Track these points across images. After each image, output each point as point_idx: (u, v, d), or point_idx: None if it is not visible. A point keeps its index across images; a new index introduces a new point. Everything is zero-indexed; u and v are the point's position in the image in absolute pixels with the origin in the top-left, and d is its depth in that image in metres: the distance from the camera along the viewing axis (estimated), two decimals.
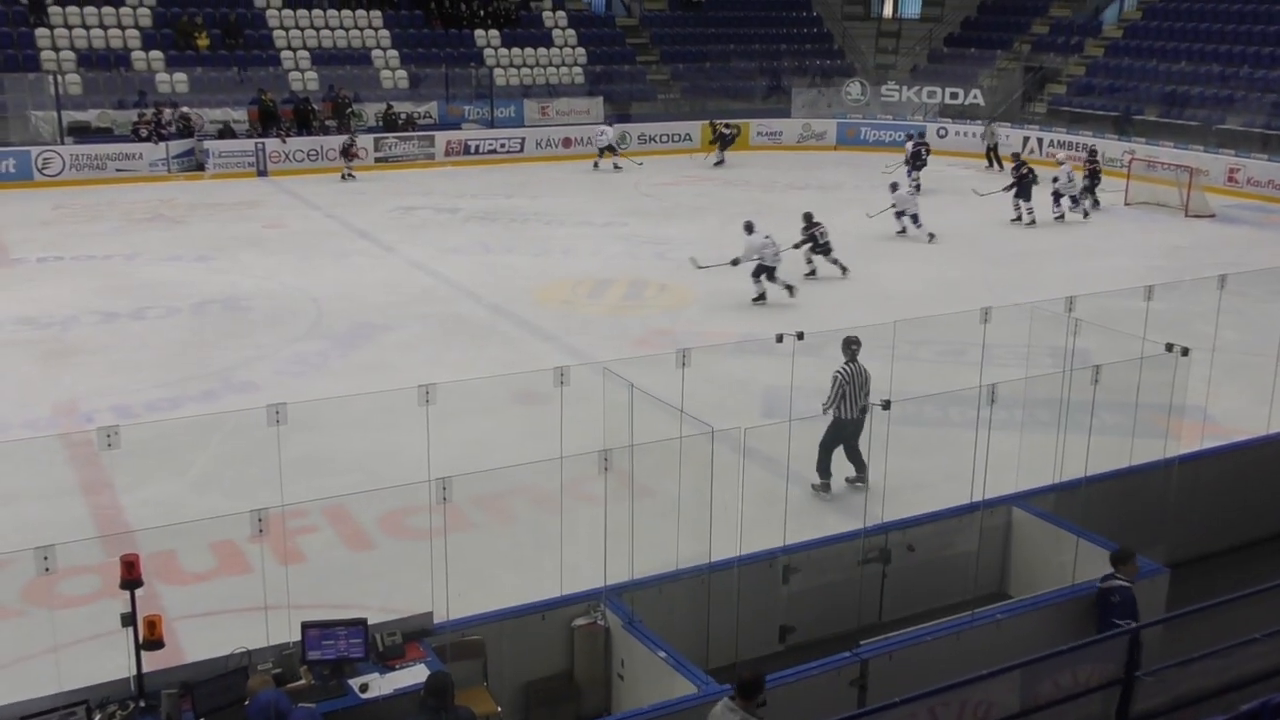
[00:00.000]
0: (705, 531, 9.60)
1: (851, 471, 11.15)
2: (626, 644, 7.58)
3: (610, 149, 30.03)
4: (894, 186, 23.14)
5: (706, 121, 32.82)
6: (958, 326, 14.42)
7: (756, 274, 17.74)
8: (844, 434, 10.95)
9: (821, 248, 19.43)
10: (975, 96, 35.00)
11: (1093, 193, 25.44)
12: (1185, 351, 9.38)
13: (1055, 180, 24.49)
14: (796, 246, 19.28)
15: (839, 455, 11.08)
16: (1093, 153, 26.84)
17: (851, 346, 10.98)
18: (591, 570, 7.78)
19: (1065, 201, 24.30)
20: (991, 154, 30.80)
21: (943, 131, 33.49)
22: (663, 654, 7.25)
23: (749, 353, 14.87)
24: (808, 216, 19.70)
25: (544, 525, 9.80)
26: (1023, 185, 24.16)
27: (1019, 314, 12.28)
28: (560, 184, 28.21)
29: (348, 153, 28.30)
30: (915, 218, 22.48)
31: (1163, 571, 8.39)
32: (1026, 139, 32.08)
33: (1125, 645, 6.68)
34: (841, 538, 8.95)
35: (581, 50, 35.69)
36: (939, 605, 8.48)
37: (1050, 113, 34.38)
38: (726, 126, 31.96)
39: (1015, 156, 26.03)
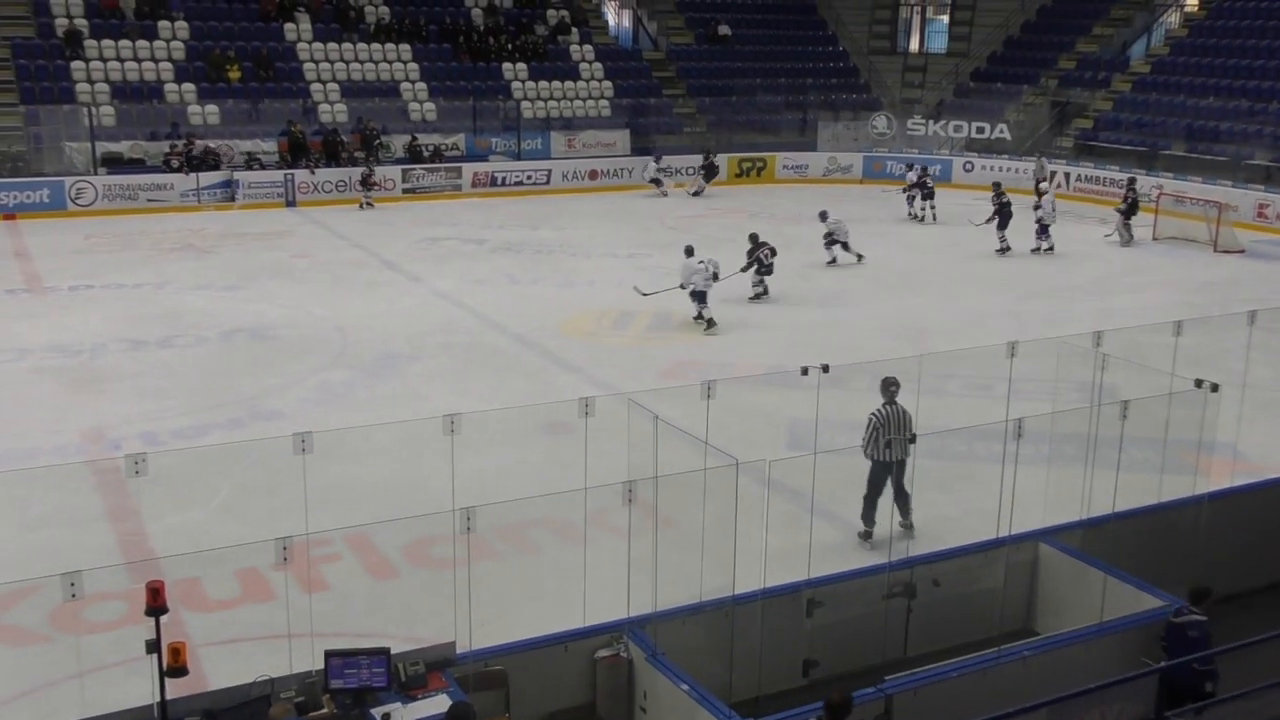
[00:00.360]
0: (729, 564, 9.56)
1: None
2: (649, 676, 7.54)
3: (657, 180, 30.79)
4: (824, 215, 23.32)
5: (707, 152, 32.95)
6: (985, 360, 14.38)
7: (694, 297, 18.28)
8: (880, 478, 10.62)
9: (765, 269, 19.76)
10: (1001, 131, 34.98)
11: (1128, 224, 25.39)
12: (1215, 387, 9.30)
13: (1037, 209, 24.53)
14: (743, 270, 19.75)
15: (886, 499, 10.69)
16: (1131, 182, 26.72)
17: (890, 388, 10.72)
18: (614, 602, 7.75)
19: (1047, 234, 24.37)
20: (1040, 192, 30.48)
21: (969, 166, 33.48)
22: (685, 687, 7.20)
23: (774, 385, 14.84)
24: (753, 238, 20.04)
25: (567, 556, 9.79)
26: (1003, 215, 24.38)
27: (1046, 348, 12.22)
28: (586, 216, 28.35)
29: (366, 182, 28.66)
30: (845, 245, 22.75)
31: None
32: (1053, 173, 32.01)
33: (1155, 684, 6.59)
34: (866, 571, 8.90)
35: (608, 83, 35.93)
36: (965, 641, 8.40)
37: (1077, 147, 34.32)
38: (712, 156, 32.25)
39: (995, 185, 25.90)
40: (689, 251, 18.58)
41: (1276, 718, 6.64)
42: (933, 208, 27.68)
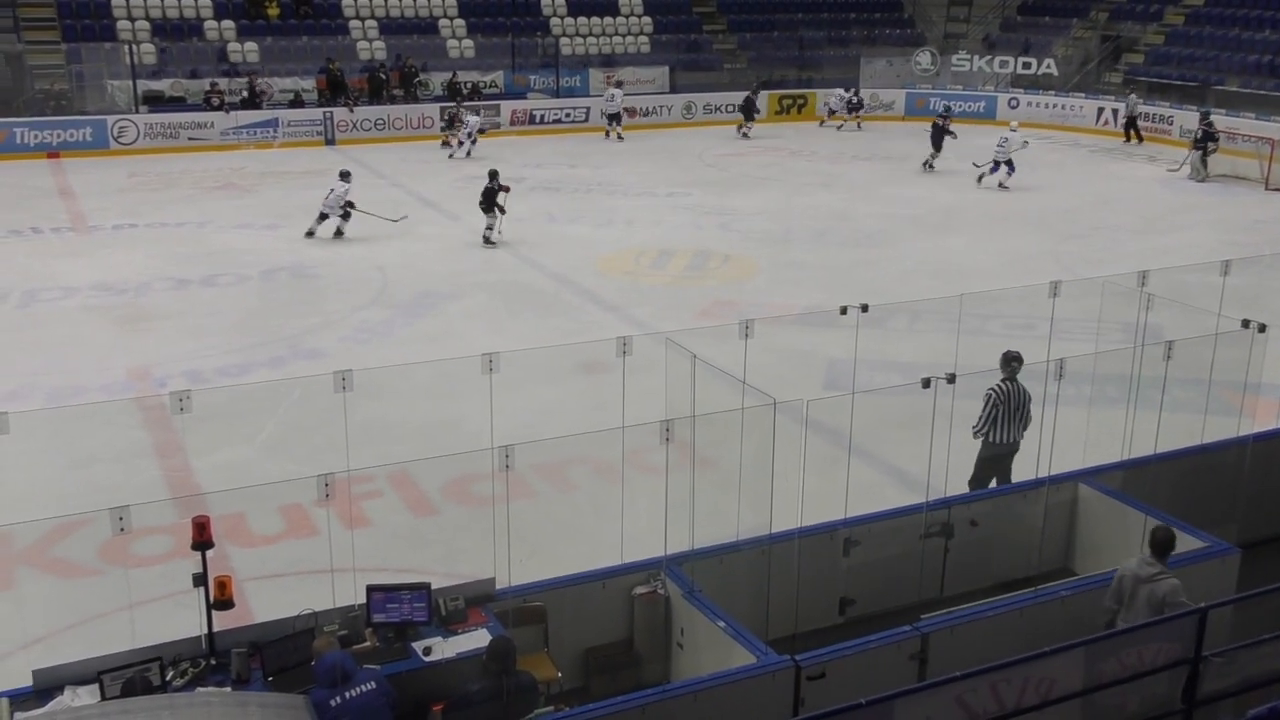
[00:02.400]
0: (766, 503, 9.57)
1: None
2: (686, 613, 7.60)
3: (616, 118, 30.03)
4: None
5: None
6: (1027, 301, 14.23)
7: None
8: (990, 465, 9.97)
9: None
10: (1049, 66, 34.25)
11: (1205, 160, 24.93)
12: (1262, 328, 9.13)
13: (1001, 144, 24.13)
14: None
15: None
16: (1205, 116, 26.11)
17: (1012, 364, 9.86)
18: (652, 540, 7.80)
19: (999, 168, 24.08)
20: (1131, 128, 29.85)
21: (1014, 102, 32.86)
22: (722, 624, 7.26)
23: (812, 325, 14.77)
24: (492, 174, 19.56)
25: (605, 494, 9.85)
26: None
27: (1090, 288, 12.05)
28: (624, 154, 28.16)
29: (453, 122, 28.24)
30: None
31: (1234, 552, 8.21)
32: (1101, 109, 31.40)
33: (1194, 625, 6.56)
34: (903, 511, 8.88)
35: (648, 19, 35.50)
36: (1002, 581, 8.40)
37: (1126, 82, 33.58)
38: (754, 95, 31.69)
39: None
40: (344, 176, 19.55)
41: None
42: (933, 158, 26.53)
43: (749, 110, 31.11)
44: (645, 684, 7.53)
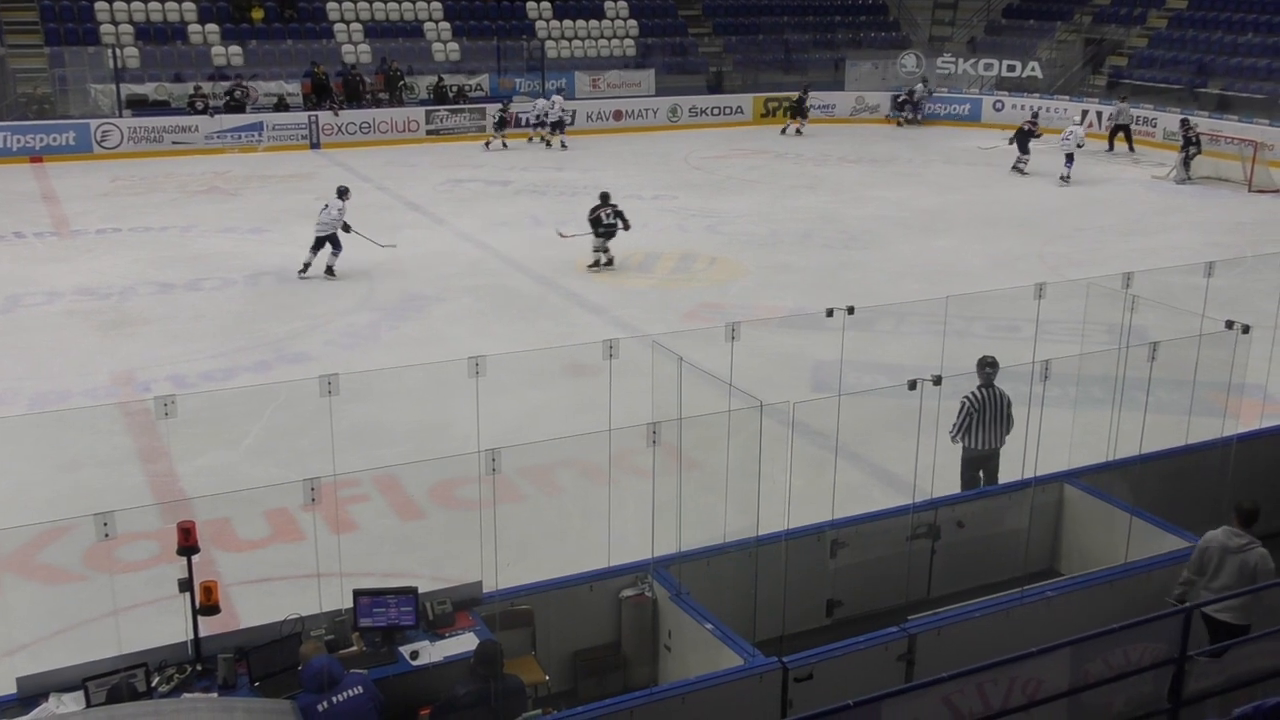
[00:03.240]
0: (753, 505, 9.59)
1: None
2: (674, 616, 7.60)
3: (541, 124, 28.87)
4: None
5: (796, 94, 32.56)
6: (1012, 302, 14.28)
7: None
8: (972, 471, 9.97)
9: (604, 230, 17.98)
10: (1033, 69, 34.38)
11: (1188, 163, 25.05)
12: (1246, 329, 9.18)
13: (1065, 137, 24.77)
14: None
15: None
16: (1185, 123, 26.22)
17: (986, 370, 9.86)
18: (639, 542, 7.80)
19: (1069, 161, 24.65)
20: (1119, 133, 29.28)
21: (999, 105, 32.98)
22: (710, 626, 7.26)
23: (798, 327, 14.80)
24: (603, 197, 18.31)
25: (592, 497, 9.85)
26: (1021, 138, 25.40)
27: (1075, 290, 12.11)
28: (610, 157, 28.15)
29: (503, 122, 28.20)
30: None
31: None
32: (1085, 112, 31.50)
33: (1180, 624, 6.59)
34: (890, 513, 8.90)
35: (633, 22, 35.53)
36: (988, 582, 8.42)
37: (1110, 85, 33.72)
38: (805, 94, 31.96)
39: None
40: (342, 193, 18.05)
41: None
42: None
43: (800, 109, 31.19)
44: (633, 686, 7.53)
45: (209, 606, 6.71)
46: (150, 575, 8.76)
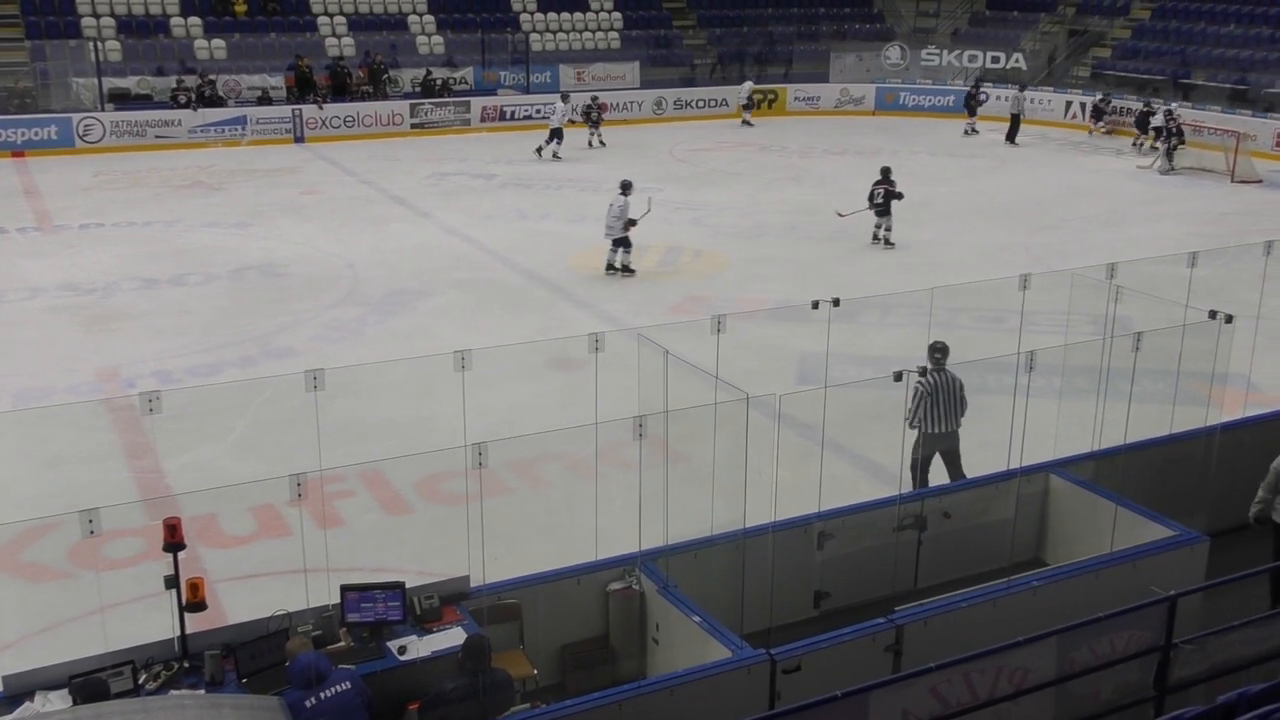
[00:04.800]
0: (740, 497, 9.58)
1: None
2: (661, 608, 7.61)
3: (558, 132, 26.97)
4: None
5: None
6: (997, 293, 14.32)
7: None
8: (925, 454, 9.96)
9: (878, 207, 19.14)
10: (1017, 60, 34.46)
11: (1171, 154, 25.14)
12: (1229, 318, 9.23)
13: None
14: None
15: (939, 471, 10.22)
16: (1169, 114, 26.29)
17: (936, 354, 9.97)
18: (626, 536, 7.81)
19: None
20: (1015, 122, 29.50)
21: (984, 96, 33.03)
22: (697, 618, 7.28)
23: (784, 319, 14.82)
24: (885, 171, 19.38)
25: (579, 491, 9.85)
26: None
27: (1059, 281, 12.15)
28: (595, 150, 28.12)
29: (589, 116, 27.86)
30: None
31: (1203, 540, 8.30)
32: (1069, 103, 31.62)
33: (1164, 612, 6.63)
34: (877, 504, 8.93)
35: (618, 15, 35.47)
36: (975, 572, 8.45)
37: (1094, 77, 33.83)
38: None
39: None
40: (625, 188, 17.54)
41: None
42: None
43: (972, 105, 30.54)
44: (621, 680, 7.54)
45: (195, 603, 6.69)
46: (136, 572, 8.72)
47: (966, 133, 30.25)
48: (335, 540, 8.50)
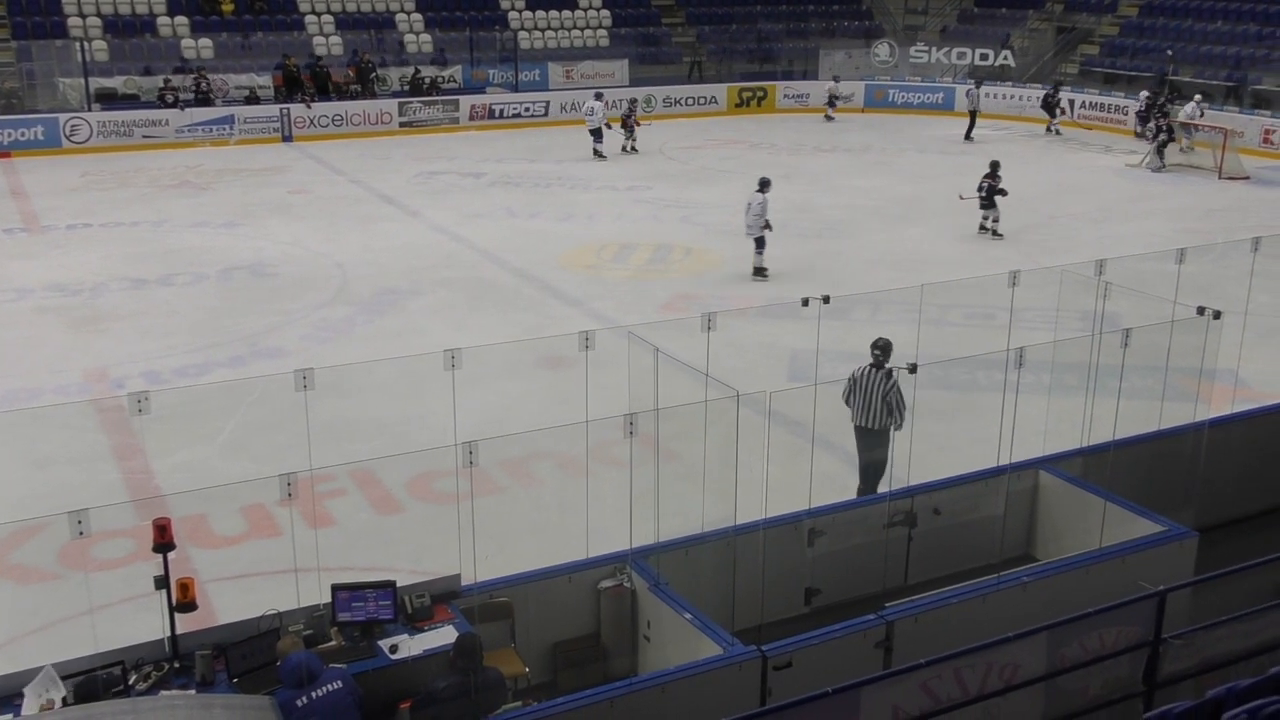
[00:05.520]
0: (730, 495, 9.59)
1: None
2: (653, 606, 7.62)
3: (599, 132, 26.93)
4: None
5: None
6: (986, 290, 14.35)
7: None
8: (862, 454, 10.10)
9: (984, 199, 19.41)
10: (1005, 57, 34.54)
11: (1162, 150, 25.21)
12: (1217, 315, 9.26)
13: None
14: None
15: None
16: (1161, 107, 26.29)
17: (874, 351, 10.01)
18: (617, 533, 7.81)
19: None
20: (972, 118, 29.52)
21: (1060, 99, 32.99)
22: (688, 616, 7.28)
23: (774, 316, 14.83)
24: (993, 166, 19.57)
25: (570, 489, 9.85)
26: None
27: (1048, 278, 12.18)
28: (584, 148, 28.09)
29: (627, 123, 27.43)
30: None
31: (1192, 535, 8.34)
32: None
33: (1154, 608, 6.65)
34: (867, 501, 8.96)
35: (606, 13, 35.44)
36: (965, 568, 8.48)
37: (1082, 73, 33.91)
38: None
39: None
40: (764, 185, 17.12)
41: (1273, 640, 6.72)
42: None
43: (1051, 107, 30.25)
44: (613, 677, 7.54)
45: (186, 603, 6.68)
46: (126, 573, 8.70)
47: (1050, 131, 29.92)
48: (326, 540, 8.47)
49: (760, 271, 17.16)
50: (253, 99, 28.93)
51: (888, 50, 35.21)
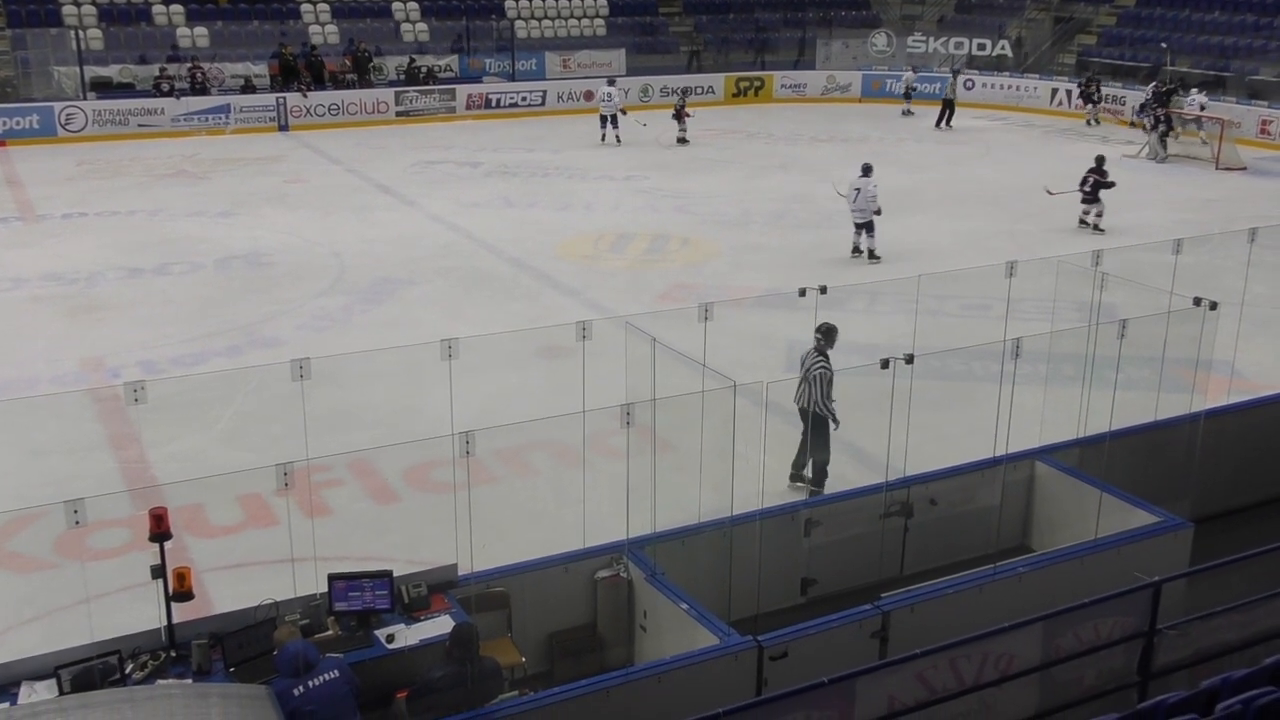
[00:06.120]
0: (727, 485, 9.59)
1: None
2: (649, 596, 7.63)
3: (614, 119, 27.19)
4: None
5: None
6: (983, 281, 14.35)
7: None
8: (804, 436, 10.08)
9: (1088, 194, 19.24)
10: (1003, 47, 34.48)
11: (1164, 139, 25.17)
12: (1213, 305, 9.27)
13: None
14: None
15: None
16: (1164, 98, 26.22)
17: (816, 335, 10.09)
18: (614, 524, 7.82)
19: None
20: (947, 107, 29.49)
21: (969, 84, 33.05)
22: (685, 606, 7.29)
23: (771, 307, 14.82)
24: (1099, 160, 19.44)
25: (566, 479, 9.85)
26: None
27: (1045, 268, 12.17)
28: (581, 137, 28.05)
29: (680, 115, 27.18)
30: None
31: (1187, 526, 8.35)
32: (1055, 90, 31.64)
33: (1149, 598, 6.66)
34: (863, 491, 8.95)
35: (604, 2, 35.36)
36: (961, 559, 8.49)
37: (1080, 64, 33.87)
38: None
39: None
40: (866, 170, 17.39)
41: (1267, 630, 6.73)
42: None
43: (1090, 96, 30.15)
44: (609, 667, 7.55)
45: (182, 593, 6.68)
46: (123, 562, 8.70)
47: (1089, 123, 29.76)
48: (322, 529, 8.47)
49: (873, 255, 17.31)
50: (248, 88, 28.85)
51: (885, 40, 35.14)
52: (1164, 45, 30.61)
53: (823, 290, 10.31)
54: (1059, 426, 9.54)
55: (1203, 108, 26.38)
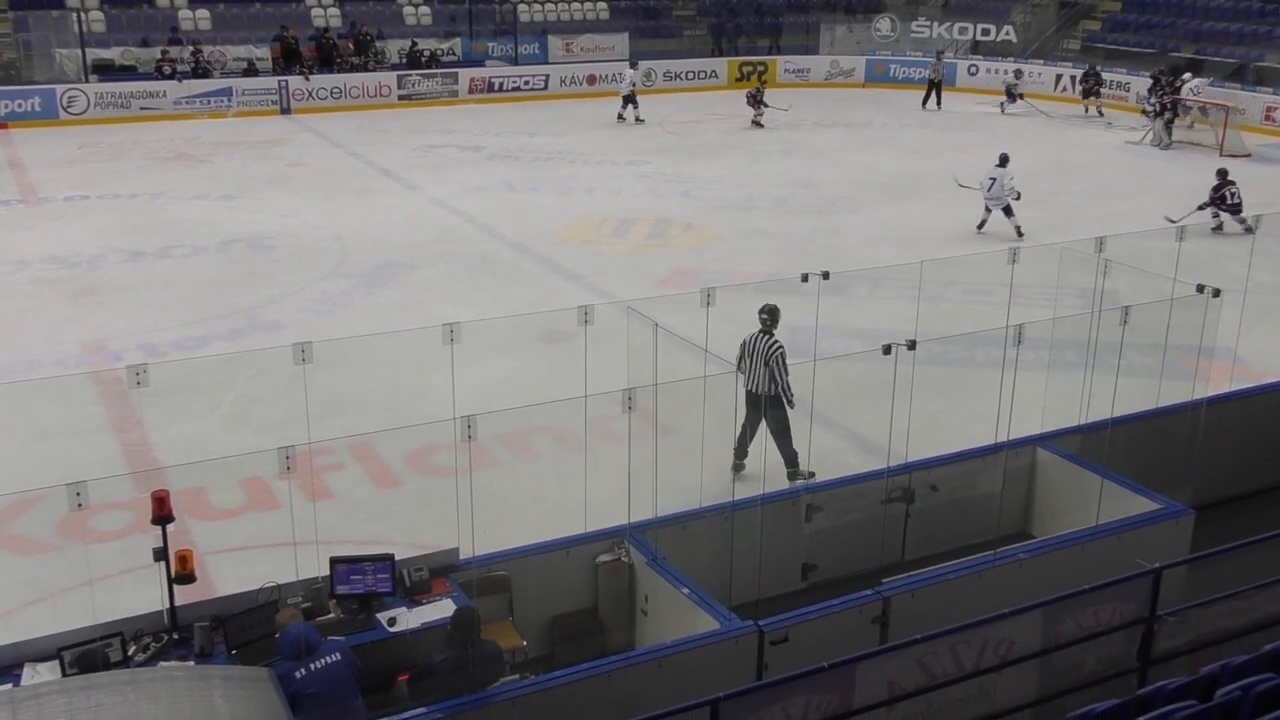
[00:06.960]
0: (728, 470, 9.60)
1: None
2: (650, 580, 7.64)
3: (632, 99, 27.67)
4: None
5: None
6: (985, 267, 14.34)
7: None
8: (748, 415, 10.00)
9: (1231, 207, 18.59)
10: (1008, 33, 34.35)
11: (1169, 126, 25.05)
12: (1216, 293, 9.26)
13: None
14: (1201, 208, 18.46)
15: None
16: (1170, 84, 26.08)
17: (761, 316, 10.06)
18: (615, 508, 7.83)
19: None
20: (933, 89, 29.64)
21: (974, 69, 32.95)
22: (686, 590, 7.30)
23: (773, 292, 14.70)
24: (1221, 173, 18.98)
25: (568, 463, 9.86)
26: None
27: (1048, 255, 12.16)
28: (584, 122, 28.00)
29: (756, 101, 27.40)
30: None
31: (1188, 513, 8.36)
32: (1059, 76, 31.53)
33: (1149, 585, 6.67)
34: (865, 477, 8.96)
35: None
36: (962, 545, 8.50)
37: (1084, 49, 33.73)
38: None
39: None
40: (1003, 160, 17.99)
41: (1267, 617, 6.74)
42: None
43: (1089, 88, 29.42)
44: (610, 651, 7.57)
45: (185, 575, 6.69)
46: (125, 545, 8.72)
47: (1091, 113, 29.26)
48: (324, 513, 8.49)
49: (1019, 230, 17.71)
50: (251, 71, 28.78)
51: (889, 25, 35.01)
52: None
53: (825, 276, 10.30)
54: (1061, 413, 9.54)
55: (1195, 92, 26.27)
